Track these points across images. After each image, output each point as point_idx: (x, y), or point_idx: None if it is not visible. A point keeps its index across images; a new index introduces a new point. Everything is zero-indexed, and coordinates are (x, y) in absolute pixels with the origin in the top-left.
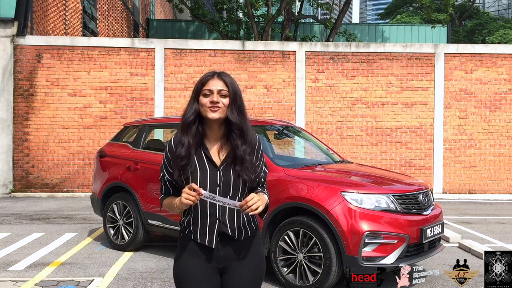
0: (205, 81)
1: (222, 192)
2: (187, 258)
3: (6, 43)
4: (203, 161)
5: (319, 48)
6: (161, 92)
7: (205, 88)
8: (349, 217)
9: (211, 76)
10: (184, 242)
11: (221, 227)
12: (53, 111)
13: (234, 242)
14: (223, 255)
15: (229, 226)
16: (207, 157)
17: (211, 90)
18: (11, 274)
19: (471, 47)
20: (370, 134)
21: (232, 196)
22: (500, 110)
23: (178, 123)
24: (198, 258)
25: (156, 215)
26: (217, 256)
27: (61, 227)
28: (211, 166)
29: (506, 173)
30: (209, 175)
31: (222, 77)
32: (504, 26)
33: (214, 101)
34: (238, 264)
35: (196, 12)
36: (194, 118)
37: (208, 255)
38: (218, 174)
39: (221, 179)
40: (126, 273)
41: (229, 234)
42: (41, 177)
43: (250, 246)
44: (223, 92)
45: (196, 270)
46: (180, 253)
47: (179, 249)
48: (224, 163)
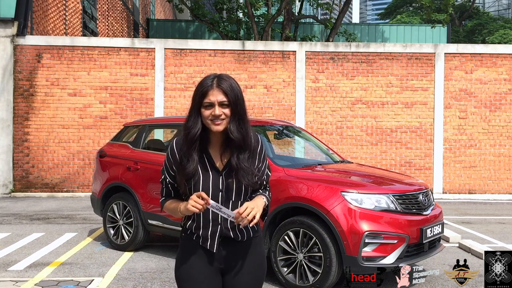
0: (205, 92)
1: (225, 197)
2: (188, 258)
3: (6, 43)
4: (206, 167)
5: (319, 48)
6: (161, 92)
7: (205, 100)
8: (349, 217)
9: (210, 86)
10: (186, 243)
11: (223, 232)
12: (53, 111)
13: (236, 243)
14: (225, 255)
15: (231, 230)
16: (210, 163)
17: (211, 103)
18: (11, 274)
19: (471, 47)
20: (370, 134)
21: (234, 200)
22: (500, 110)
23: (178, 123)
24: (199, 259)
25: (156, 215)
26: (219, 257)
27: (61, 227)
28: (214, 171)
29: (506, 173)
30: (212, 180)
31: (222, 86)
32: (504, 26)
33: (216, 114)
34: (240, 264)
35: (196, 12)
36: (199, 134)
37: (210, 256)
38: (221, 179)
39: (223, 184)
40: (126, 273)
41: (231, 236)
42: (41, 177)
43: (251, 247)
44: (224, 103)
45: (198, 271)
46: (182, 253)
47: (180, 249)
48: (227, 168)
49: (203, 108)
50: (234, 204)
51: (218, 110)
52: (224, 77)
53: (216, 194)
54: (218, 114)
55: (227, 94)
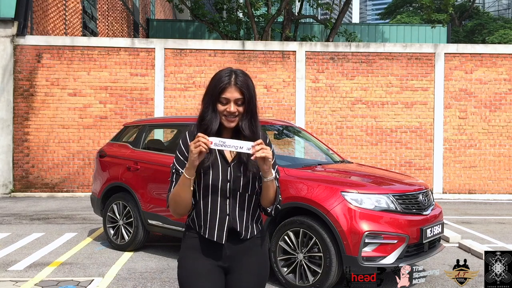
0: (223, 88)
1: (232, 188)
2: (192, 256)
3: (6, 43)
4: (216, 158)
5: (319, 48)
6: (161, 92)
7: (223, 96)
8: (349, 217)
9: (227, 82)
10: (189, 241)
11: (230, 222)
12: (53, 111)
13: (241, 241)
14: (229, 254)
15: (238, 222)
16: (220, 153)
17: (228, 99)
18: (11, 274)
19: (471, 47)
20: (370, 134)
21: (242, 192)
22: (500, 110)
23: (178, 123)
24: (203, 257)
25: (156, 215)
26: (223, 255)
27: (61, 227)
28: (223, 162)
29: (506, 173)
30: (221, 171)
31: (239, 85)
32: (504, 26)
33: (231, 111)
34: (244, 264)
35: (196, 12)
36: (217, 128)
37: (214, 254)
38: (229, 170)
39: (231, 175)
40: (126, 273)
41: (237, 230)
42: (41, 177)
43: (256, 247)
44: (239, 101)
45: (201, 268)
46: (185, 251)
47: (183, 247)
48: (236, 160)
49: (218, 103)
50: (242, 196)
51: (233, 108)
52: (240, 74)
53: (224, 185)
54: (233, 111)
55: (243, 92)
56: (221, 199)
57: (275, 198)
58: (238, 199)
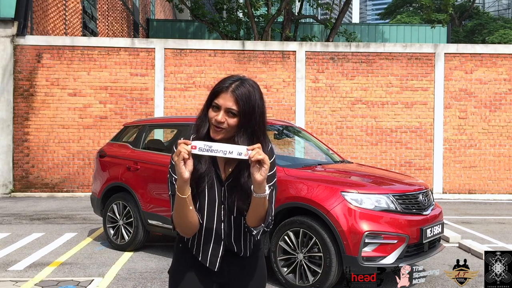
0: (218, 91)
1: (227, 210)
2: (184, 271)
3: (6, 43)
4: (211, 176)
5: (319, 48)
6: (161, 92)
7: (215, 101)
8: (349, 217)
9: (225, 87)
10: (181, 255)
11: (226, 246)
12: (53, 111)
13: (238, 257)
14: (225, 269)
15: (236, 245)
16: (215, 172)
17: (219, 106)
18: (11, 274)
19: (471, 47)
20: (370, 134)
21: (236, 216)
22: (500, 110)
23: (178, 123)
24: (197, 272)
25: (156, 215)
26: (219, 271)
27: (61, 227)
28: (217, 181)
29: (506, 173)
30: (217, 190)
31: (236, 93)
32: (504, 26)
33: (218, 120)
34: (242, 280)
35: (196, 12)
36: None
37: (209, 270)
38: (223, 191)
39: (224, 196)
40: (126, 273)
41: (235, 251)
42: (41, 177)
43: (253, 261)
44: (232, 111)
45: (195, 285)
46: (177, 265)
47: (175, 260)
48: (230, 179)
49: (210, 108)
50: (236, 221)
51: (221, 116)
52: (246, 84)
53: (219, 206)
54: (219, 120)
55: (238, 103)
56: (217, 221)
57: (265, 218)
58: (233, 224)
